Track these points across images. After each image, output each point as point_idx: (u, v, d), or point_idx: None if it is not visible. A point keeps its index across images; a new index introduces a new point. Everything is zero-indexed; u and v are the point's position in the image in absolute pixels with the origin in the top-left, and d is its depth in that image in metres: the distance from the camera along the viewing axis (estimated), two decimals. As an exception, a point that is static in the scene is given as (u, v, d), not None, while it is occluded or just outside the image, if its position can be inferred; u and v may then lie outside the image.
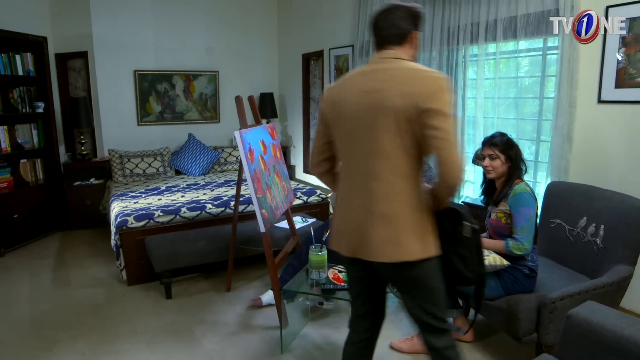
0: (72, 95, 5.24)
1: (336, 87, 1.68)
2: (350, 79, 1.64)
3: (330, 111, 1.66)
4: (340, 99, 1.63)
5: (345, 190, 1.69)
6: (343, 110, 1.61)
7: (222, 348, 2.69)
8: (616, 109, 2.73)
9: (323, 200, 4.39)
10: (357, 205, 1.61)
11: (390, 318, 2.98)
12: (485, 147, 2.46)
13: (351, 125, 1.60)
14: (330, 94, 1.69)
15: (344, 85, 1.65)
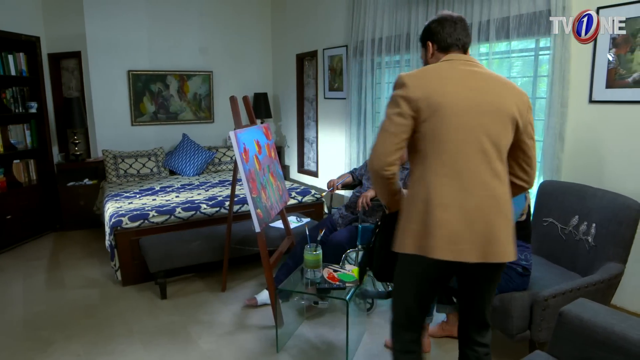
0: (66, 95, 5.22)
1: (427, 79, 1.58)
2: (446, 74, 1.60)
3: (426, 105, 1.53)
4: (439, 93, 1.54)
5: (448, 190, 1.54)
6: (445, 104, 1.53)
7: (218, 348, 2.70)
8: (607, 109, 2.76)
9: (317, 200, 4.41)
10: (480, 206, 1.53)
11: (384, 317, 3.01)
12: None
13: (459, 121, 1.54)
14: (420, 85, 1.56)
15: (438, 78, 1.59)
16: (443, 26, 1.71)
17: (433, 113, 1.53)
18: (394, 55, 4.21)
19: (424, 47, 1.79)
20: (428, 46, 1.75)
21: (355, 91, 4.68)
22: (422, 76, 1.60)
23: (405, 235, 1.60)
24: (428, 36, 1.75)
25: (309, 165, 5.97)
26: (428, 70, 1.63)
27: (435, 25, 1.73)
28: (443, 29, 1.71)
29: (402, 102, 1.54)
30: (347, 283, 2.54)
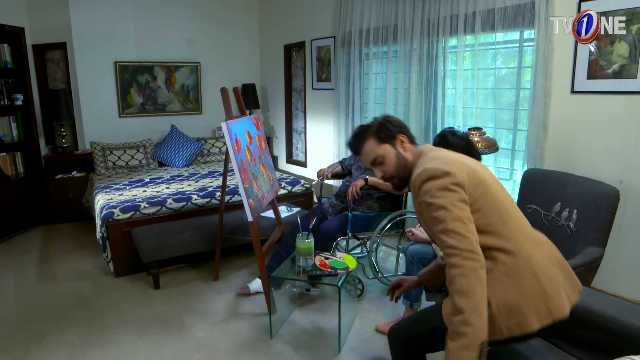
0: (52, 87, 5.17)
1: (453, 161, 1.53)
2: (451, 154, 1.61)
3: (473, 184, 1.48)
4: (471, 169, 1.52)
5: (534, 250, 1.50)
6: (482, 177, 1.52)
7: (213, 335, 2.75)
8: (588, 99, 2.85)
9: (307, 190, 4.46)
10: (552, 251, 1.59)
11: (374, 303, 3.09)
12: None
13: (495, 187, 1.55)
14: (457, 168, 1.49)
15: (455, 157, 1.58)
16: (400, 124, 1.78)
17: (482, 189, 1.49)
18: (382, 47, 4.26)
19: (392, 141, 1.71)
20: (399, 139, 1.71)
21: (343, 82, 4.72)
22: (449, 160, 1.53)
23: (525, 313, 1.41)
24: (398, 130, 1.72)
25: (298, 156, 6.01)
26: (443, 155, 1.59)
27: (396, 121, 1.78)
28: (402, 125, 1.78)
29: (457, 188, 1.45)
30: (338, 270, 2.61)
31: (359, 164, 3.46)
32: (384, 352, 2.54)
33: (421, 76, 3.86)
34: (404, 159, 1.68)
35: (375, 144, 1.71)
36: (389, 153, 1.70)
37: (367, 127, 1.78)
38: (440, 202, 1.42)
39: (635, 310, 1.61)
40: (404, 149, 1.69)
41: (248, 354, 2.56)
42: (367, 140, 1.73)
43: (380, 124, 1.73)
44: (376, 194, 3.24)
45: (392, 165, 1.70)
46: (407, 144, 1.70)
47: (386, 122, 1.74)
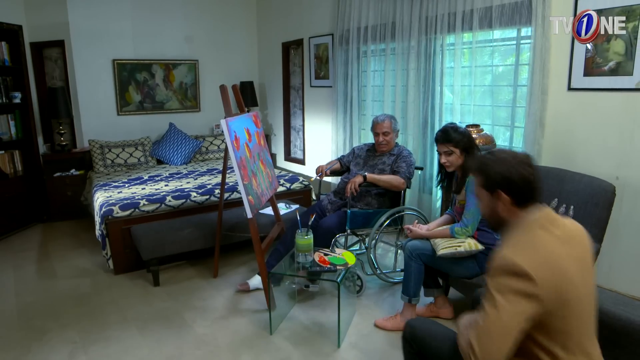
0: (50, 85, 5.16)
1: (549, 265, 1.28)
2: (555, 250, 1.32)
3: (557, 303, 1.26)
4: (566, 281, 1.28)
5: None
6: (572, 295, 1.29)
7: (213, 332, 2.77)
8: (585, 96, 2.88)
9: (305, 187, 4.48)
10: None
11: (373, 299, 3.12)
12: (439, 144, 2.59)
13: (582, 316, 1.34)
14: (547, 277, 1.25)
15: (554, 258, 1.30)
16: (536, 175, 1.43)
17: (566, 311, 1.29)
18: (380, 44, 4.28)
19: (491, 193, 1.46)
20: (498, 194, 1.44)
21: (341, 79, 4.74)
22: (547, 262, 1.27)
23: None
24: (501, 184, 1.43)
25: (296, 153, 6.03)
26: (544, 248, 1.31)
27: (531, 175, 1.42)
28: (536, 178, 1.42)
29: (527, 303, 1.24)
30: (337, 266, 2.63)
31: (357, 160, 3.48)
32: (383, 347, 2.57)
33: (419, 73, 3.88)
34: (499, 216, 1.47)
35: (477, 183, 1.51)
36: (484, 199, 1.50)
37: (484, 160, 1.50)
38: (499, 300, 1.25)
39: (631, 305, 1.63)
40: (503, 209, 1.44)
41: (248, 349, 2.58)
42: (474, 174, 1.53)
43: (485, 170, 1.47)
44: (374, 190, 3.26)
45: (485, 211, 1.53)
46: (509, 205, 1.42)
47: (490, 169, 1.45)
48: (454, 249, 2.44)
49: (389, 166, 3.30)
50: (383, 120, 3.32)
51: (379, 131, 3.32)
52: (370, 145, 3.52)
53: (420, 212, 3.36)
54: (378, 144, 3.37)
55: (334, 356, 2.50)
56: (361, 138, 4.63)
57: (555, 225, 1.37)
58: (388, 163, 3.31)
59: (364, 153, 3.50)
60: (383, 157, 3.35)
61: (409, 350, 1.76)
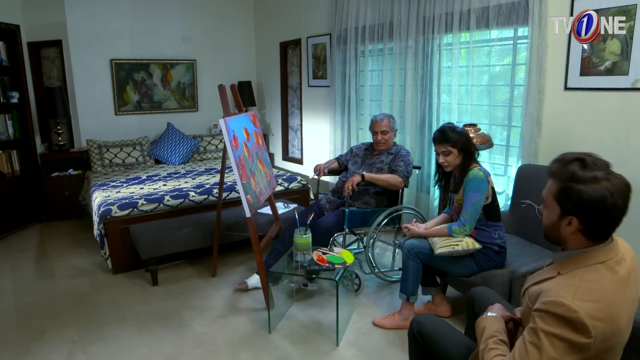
0: (47, 84, 5.16)
1: (608, 316, 1.16)
2: (617, 298, 1.20)
3: (603, 343, 1.17)
4: (616, 323, 1.18)
5: None
6: (618, 337, 1.21)
7: (212, 331, 2.78)
8: (581, 96, 2.90)
9: (303, 186, 4.49)
10: None
11: (371, 297, 3.13)
12: (437, 144, 2.60)
13: (621, 346, 1.27)
14: (603, 331, 1.15)
15: (616, 308, 1.18)
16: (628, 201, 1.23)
17: (605, 351, 1.21)
18: (377, 44, 4.29)
19: (563, 215, 1.28)
20: (567, 220, 1.27)
21: (339, 79, 4.75)
22: (603, 311, 1.16)
23: None
24: (576, 211, 1.25)
25: (294, 153, 6.04)
26: (602, 298, 1.17)
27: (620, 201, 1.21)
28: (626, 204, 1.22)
29: (575, 354, 1.16)
30: (336, 265, 2.64)
31: (355, 159, 3.49)
32: (381, 345, 2.59)
33: (416, 73, 3.90)
34: (560, 235, 1.31)
35: (550, 190, 1.31)
36: (551, 210, 1.31)
37: (574, 171, 1.25)
38: (545, 345, 1.16)
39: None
40: (569, 233, 1.28)
41: (247, 348, 2.59)
42: (552, 178, 1.32)
43: (567, 184, 1.24)
44: (372, 189, 3.28)
45: (547, 222, 1.35)
46: (578, 233, 1.26)
47: (574, 186, 1.23)
48: (452, 248, 2.45)
49: (387, 165, 3.31)
50: (382, 120, 3.33)
51: (377, 130, 3.33)
52: (368, 145, 3.53)
53: (418, 211, 3.37)
54: (376, 142, 3.38)
55: (332, 354, 2.52)
56: (359, 137, 4.64)
57: (619, 263, 1.24)
58: (386, 162, 3.33)
59: (362, 152, 3.51)
60: (381, 156, 3.37)
61: (414, 347, 1.77)
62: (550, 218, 1.31)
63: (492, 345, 1.35)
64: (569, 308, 1.13)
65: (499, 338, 1.37)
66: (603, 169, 1.22)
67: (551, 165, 1.32)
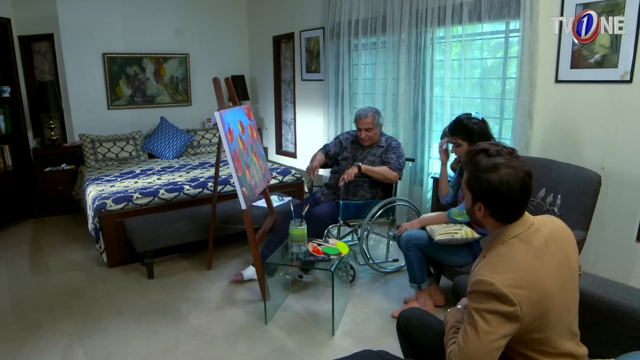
0: (39, 79, 5.12)
1: (527, 283, 1.26)
2: (533, 265, 1.29)
3: (533, 316, 1.26)
4: (542, 296, 1.27)
5: None
6: (549, 307, 1.29)
7: (208, 322, 2.80)
8: (572, 88, 2.94)
9: (298, 180, 4.51)
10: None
11: (366, 288, 3.16)
12: (449, 136, 2.64)
13: (561, 313, 1.33)
14: (525, 297, 1.24)
15: (533, 274, 1.28)
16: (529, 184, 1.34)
17: (541, 321, 1.29)
18: (371, 37, 4.31)
19: (474, 200, 1.40)
20: (478, 206, 1.39)
21: (332, 73, 4.76)
22: (525, 279, 1.26)
23: None
24: (481, 197, 1.36)
25: (287, 147, 6.05)
26: (517, 268, 1.28)
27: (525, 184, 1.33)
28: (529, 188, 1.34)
29: (507, 324, 1.24)
30: (331, 255, 2.67)
31: (345, 154, 3.45)
32: (376, 335, 2.62)
33: (409, 66, 3.92)
34: (477, 219, 1.43)
35: (464, 179, 1.44)
36: (467, 197, 1.43)
37: (477, 160, 1.37)
38: (479, 322, 1.26)
39: (615, 287, 1.69)
40: (482, 217, 1.39)
41: (244, 339, 2.61)
42: (464, 167, 1.44)
43: (473, 173, 1.37)
44: (367, 182, 3.30)
45: (467, 207, 1.47)
46: (489, 217, 1.37)
47: (479, 175, 1.34)
48: (451, 235, 2.49)
49: (378, 158, 3.33)
50: (366, 116, 3.26)
51: (362, 127, 3.28)
52: (355, 136, 3.48)
53: (411, 202, 3.41)
54: (361, 139, 3.34)
55: (328, 344, 2.55)
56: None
57: (535, 233, 1.34)
58: (378, 155, 3.34)
59: (350, 145, 3.46)
60: (372, 149, 3.37)
61: (403, 340, 1.82)
62: (467, 204, 1.44)
63: (451, 335, 1.43)
64: (487, 282, 1.24)
65: (458, 327, 1.44)
66: (505, 157, 1.33)
67: (463, 158, 1.40)
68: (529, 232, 1.34)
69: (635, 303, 1.57)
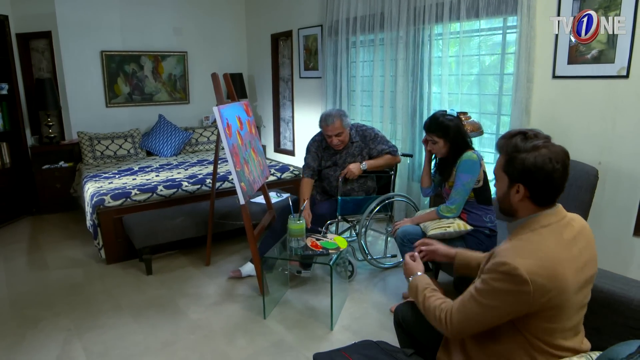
0: (37, 76, 5.11)
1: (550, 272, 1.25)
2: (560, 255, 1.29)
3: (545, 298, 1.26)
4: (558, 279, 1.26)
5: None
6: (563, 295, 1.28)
7: (207, 317, 2.80)
8: (569, 84, 2.95)
9: (296, 177, 4.52)
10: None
11: (364, 284, 3.17)
12: (426, 134, 2.66)
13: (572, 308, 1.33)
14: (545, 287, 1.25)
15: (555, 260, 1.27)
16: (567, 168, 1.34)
17: (555, 312, 1.30)
18: (369, 34, 4.31)
19: (511, 183, 1.38)
20: (515, 188, 1.37)
21: (330, 70, 4.77)
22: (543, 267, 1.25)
23: None
24: (522, 178, 1.35)
25: (286, 145, 6.05)
26: (543, 256, 1.27)
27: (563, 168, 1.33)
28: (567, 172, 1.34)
29: (515, 305, 1.27)
30: (329, 250, 2.68)
31: (325, 163, 3.29)
32: (375, 329, 2.63)
33: (407, 63, 3.93)
34: (510, 204, 1.41)
35: (499, 163, 1.43)
36: (501, 182, 1.43)
37: (517, 144, 1.36)
38: (488, 295, 1.29)
39: (613, 277, 1.70)
40: (518, 201, 1.38)
41: (243, 333, 2.62)
42: (500, 152, 1.43)
43: (512, 155, 1.36)
44: (367, 181, 3.30)
45: (499, 194, 1.46)
46: (525, 200, 1.37)
47: (517, 155, 1.35)
48: (444, 229, 2.50)
49: (359, 155, 3.23)
50: (333, 122, 3.05)
51: (331, 134, 3.09)
52: (322, 141, 3.29)
53: (409, 198, 3.42)
54: (333, 145, 3.16)
55: (327, 338, 2.56)
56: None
57: (566, 227, 1.35)
58: (357, 152, 3.23)
59: (323, 152, 3.28)
60: (348, 148, 3.22)
61: (401, 332, 1.83)
62: (501, 189, 1.42)
63: (429, 293, 1.49)
64: (511, 265, 1.24)
65: (431, 288, 1.52)
66: (542, 139, 1.34)
67: (498, 142, 1.43)
68: (561, 224, 1.35)
69: (632, 293, 1.58)
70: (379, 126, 4.19)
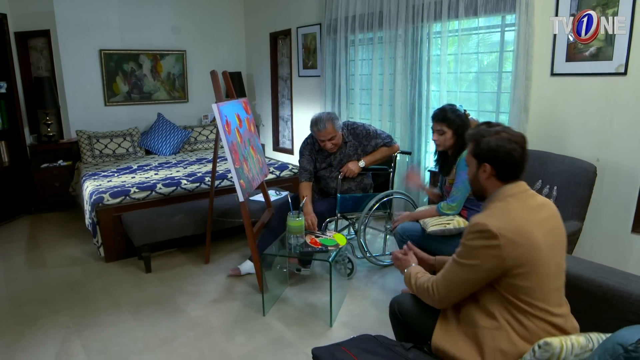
0: (35, 75, 5.11)
1: (517, 231, 1.42)
2: (527, 217, 1.47)
3: (520, 262, 1.41)
4: (531, 247, 1.42)
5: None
6: (534, 250, 1.43)
7: (206, 314, 2.81)
8: (567, 81, 2.96)
9: (295, 175, 4.52)
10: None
11: (363, 281, 3.18)
12: (434, 122, 2.66)
13: (546, 268, 1.46)
14: (514, 242, 1.41)
15: (525, 224, 1.44)
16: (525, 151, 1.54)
17: (527, 268, 1.43)
18: (367, 33, 4.32)
19: (478, 163, 1.59)
20: (483, 168, 1.57)
21: (329, 69, 4.77)
22: (508, 222, 1.43)
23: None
24: (488, 158, 1.55)
25: (284, 143, 6.06)
26: (507, 214, 1.47)
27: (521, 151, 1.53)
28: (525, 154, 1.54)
29: (489, 257, 1.43)
30: (329, 247, 2.68)
31: (321, 165, 3.30)
32: (374, 325, 2.63)
33: (406, 61, 3.94)
34: (480, 184, 1.60)
35: (469, 150, 1.62)
36: (471, 166, 1.63)
37: (481, 131, 1.58)
38: (465, 255, 1.48)
39: (609, 272, 1.71)
40: (485, 178, 1.57)
41: (242, 330, 2.62)
42: (469, 140, 1.63)
43: (478, 140, 1.57)
44: (364, 179, 3.30)
45: (470, 177, 1.65)
46: (491, 176, 1.55)
47: (482, 139, 1.55)
48: (443, 226, 2.51)
49: (354, 154, 3.23)
50: (325, 128, 3.03)
51: (324, 139, 3.08)
52: (312, 142, 3.30)
53: (408, 195, 3.42)
54: (328, 149, 3.16)
55: (326, 334, 2.56)
56: (350, 126, 4.67)
57: (530, 197, 1.54)
58: (352, 152, 3.23)
59: (317, 154, 3.29)
60: (342, 149, 3.23)
61: (397, 324, 1.85)
62: (472, 172, 1.62)
63: (420, 275, 1.70)
64: (481, 223, 1.44)
65: (423, 272, 1.73)
66: (503, 127, 1.57)
67: (467, 132, 1.66)
68: (525, 194, 1.54)
69: (630, 287, 1.58)
70: (377, 124, 4.19)
